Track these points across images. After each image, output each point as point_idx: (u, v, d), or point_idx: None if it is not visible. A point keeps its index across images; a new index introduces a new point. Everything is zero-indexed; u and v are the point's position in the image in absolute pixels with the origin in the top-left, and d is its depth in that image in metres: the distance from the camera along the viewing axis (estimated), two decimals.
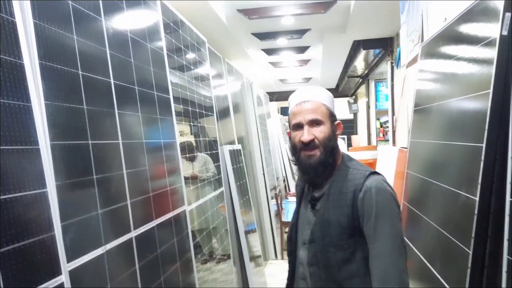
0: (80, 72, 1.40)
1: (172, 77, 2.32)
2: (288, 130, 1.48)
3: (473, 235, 1.59)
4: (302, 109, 1.40)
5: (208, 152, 3.08)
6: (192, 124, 2.75)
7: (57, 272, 1.17)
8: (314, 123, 1.38)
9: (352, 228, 1.33)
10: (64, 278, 1.18)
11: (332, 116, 1.42)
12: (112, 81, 1.62)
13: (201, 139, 2.94)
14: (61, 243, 1.19)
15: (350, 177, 1.38)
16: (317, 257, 1.38)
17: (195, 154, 2.99)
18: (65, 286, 1.18)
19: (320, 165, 1.37)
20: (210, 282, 2.70)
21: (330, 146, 1.38)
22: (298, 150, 1.40)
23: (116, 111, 1.62)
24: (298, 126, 1.40)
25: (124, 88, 1.72)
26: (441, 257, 1.99)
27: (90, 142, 1.41)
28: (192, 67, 2.88)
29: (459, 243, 1.72)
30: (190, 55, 2.89)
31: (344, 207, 1.34)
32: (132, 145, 1.74)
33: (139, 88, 1.85)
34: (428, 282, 2.07)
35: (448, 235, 1.86)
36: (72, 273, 1.22)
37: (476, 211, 1.59)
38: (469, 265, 1.59)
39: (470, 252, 1.60)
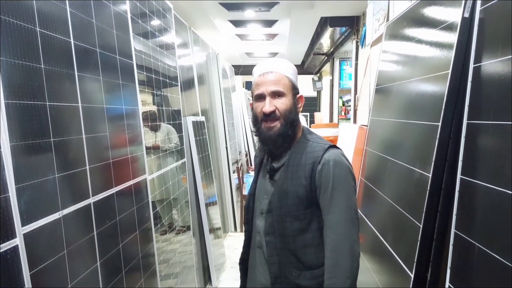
0: (38, 29, 1.33)
1: (136, 43, 2.25)
2: (251, 102, 1.49)
3: (424, 209, 1.67)
4: (265, 80, 1.40)
5: (171, 123, 3.04)
6: (155, 93, 2.70)
7: (11, 234, 1.13)
8: (276, 94, 1.39)
9: (309, 199, 1.36)
10: (18, 241, 1.15)
11: (294, 89, 1.44)
12: (72, 41, 1.55)
13: (164, 108, 2.89)
14: (15, 205, 1.15)
15: (309, 149, 1.40)
16: (273, 226, 1.41)
17: (159, 124, 2.94)
18: (20, 249, 1.15)
19: (279, 136, 1.39)
20: (169, 252, 2.71)
21: (290, 118, 1.40)
22: (259, 121, 1.42)
23: (76, 73, 1.56)
24: (260, 97, 1.41)
25: (85, 49, 1.65)
26: (393, 231, 2.08)
27: (47, 103, 1.35)
28: (157, 33, 2.80)
29: (411, 218, 1.80)
30: (155, 22, 2.81)
31: (302, 178, 1.37)
32: (92, 110, 1.69)
33: (100, 51, 1.79)
34: (381, 254, 2.17)
35: (401, 210, 1.94)
36: (27, 237, 1.19)
37: (428, 187, 1.66)
38: (419, 238, 1.68)
39: (421, 226, 1.68)
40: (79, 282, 1.46)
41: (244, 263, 1.61)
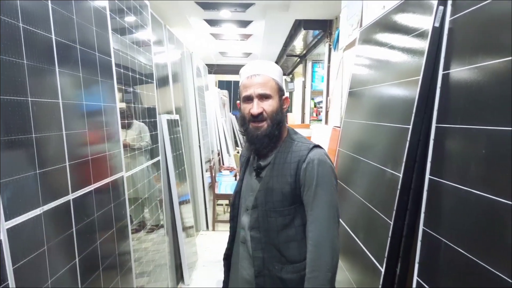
0: (21, 25, 1.33)
1: (113, 40, 2.25)
2: (238, 102, 1.53)
3: (395, 208, 1.75)
4: (252, 83, 1.45)
5: (147, 120, 3.04)
6: (131, 90, 2.69)
7: None
8: (263, 97, 1.44)
9: (293, 196, 1.42)
10: (2, 236, 1.15)
11: (280, 91, 1.49)
12: (53, 37, 1.55)
13: (139, 106, 2.88)
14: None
15: (295, 148, 1.46)
16: (258, 221, 1.46)
17: (130, 121, 2.93)
18: (3, 244, 1.15)
19: (266, 136, 1.45)
20: (142, 251, 2.72)
21: (277, 119, 1.46)
22: (247, 121, 1.47)
23: (57, 69, 1.56)
24: (248, 99, 1.46)
25: (66, 45, 1.65)
26: (365, 228, 2.17)
27: (29, 99, 1.35)
28: (133, 30, 2.80)
29: (382, 215, 1.88)
30: (132, 18, 2.81)
31: (287, 176, 1.43)
32: (72, 106, 1.69)
33: (81, 48, 1.79)
34: (353, 251, 2.24)
35: (373, 208, 2.03)
36: (10, 232, 1.19)
37: (399, 186, 1.74)
38: (390, 234, 1.76)
39: (391, 223, 1.76)
40: (59, 278, 1.46)
41: (228, 258, 1.65)
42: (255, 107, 1.43)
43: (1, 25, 1.23)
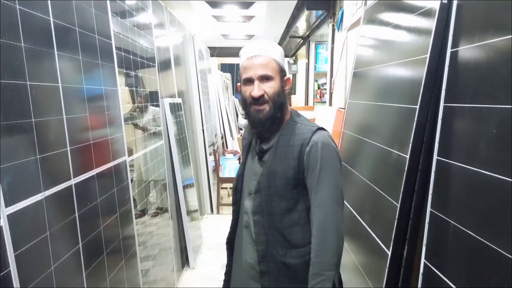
0: (17, 7, 1.30)
1: (113, 23, 2.20)
2: (239, 84, 1.49)
3: (401, 189, 1.73)
4: (253, 64, 1.41)
5: (149, 104, 3.01)
6: (133, 73, 2.66)
7: None
8: (264, 78, 1.40)
9: (296, 179, 1.40)
10: (2, 222, 1.14)
11: (282, 72, 1.45)
12: (51, 19, 1.51)
13: (142, 90, 2.85)
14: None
15: (298, 131, 1.43)
16: (261, 206, 1.44)
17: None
18: (4, 230, 1.14)
19: (268, 119, 1.41)
20: (147, 235, 2.72)
21: (279, 101, 1.42)
22: (248, 104, 1.43)
23: (56, 52, 1.53)
24: (249, 81, 1.42)
25: (64, 28, 1.61)
26: (371, 211, 2.15)
27: (28, 83, 1.32)
28: (134, 13, 2.75)
29: (388, 197, 1.86)
30: (132, 1, 2.75)
31: (290, 159, 1.40)
32: (72, 90, 1.66)
33: (80, 30, 1.75)
34: (359, 234, 2.23)
35: (379, 190, 2.00)
36: (11, 218, 1.18)
37: (406, 168, 1.72)
38: (396, 217, 1.74)
39: (398, 205, 1.74)
40: (62, 263, 1.46)
41: (231, 242, 1.64)
42: (256, 89, 1.39)
43: None
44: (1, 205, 1.14)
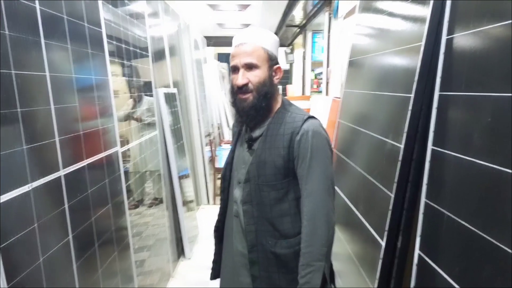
0: None
1: (104, 11, 2.16)
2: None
3: (395, 180, 1.71)
4: (239, 52, 1.40)
5: (143, 94, 2.98)
6: (126, 63, 2.62)
7: None
8: (249, 67, 1.38)
9: (286, 169, 1.37)
10: None
11: (271, 60, 1.42)
12: (37, 6, 1.47)
13: (134, 79, 2.81)
14: None
15: (288, 119, 1.41)
16: (251, 195, 1.42)
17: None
18: None
19: (252, 109, 1.39)
20: (142, 225, 2.70)
21: (263, 90, 1.39)
22: (234, 92, 1.41)
23: (43, 40, 1.49)
24: (235, 69, 1.41)
25: (51, 16, 1.57)
26: (365, 201, 2.13)
27: (13, 71, 1.29)
28: (126, 1, 2.70)
29: (382, 188, 1.84)
30: None
31: (280, 148, 1.37)
32: (60, 79, 1.62)
33: (68, 18, 1.71)
34: (353, 224, 2.22)
35: (373, 180, 1.98)
36: None
37: (400, 158, 1.69)
38: (390, 207, 1.72)
39: (392, 196, 1.72)
40: (51, 256, 1.43)
41: (219, 231, 1.62)
42: (240, 78, 1.38)
43: None
44: None
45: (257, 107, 1.39)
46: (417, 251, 1.55)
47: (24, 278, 1.26)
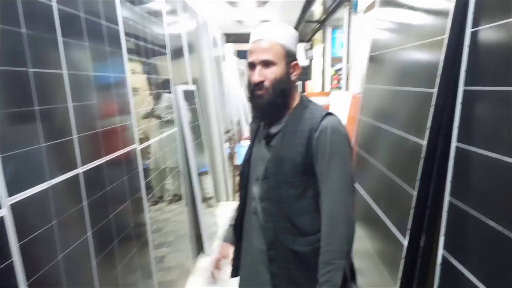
0: None
1: (122, 8, 2.16)
2: None
3: (418, 177, 1.66)
4: (256, 48, 1.38)
5: (161, 92, 2.98)
6: (144, 61, 2.62)
7: None
8: (266, 63, 1.36)
9: (305, 166, 1.35)
10: (5, 211, 1.12)
11: (288, 57, 1.39)
12: (55, 5, 1.48)
13: (153, 77, 2.82)
14: (1, 175, 1.12)
15: (307, 116, 1.38)
16: (269, 192, 1.40)
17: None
18: (6, 220, 1.12)
19: (267, 105, 1.38)
20: (162, 222, 2.71)
21: (280, 87, 1.37)
22: (251, 89, 1.39)
23: (60, 38, 1.49)
24: (252, 65, 1.39)
25: (68, 14, 1.58)
26: (386, 199, 2.08)
27: (30, 70, 1.30)
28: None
29: (405, 185, 1.79)
30: None
31: (299, 144, 1.35)
32: (78, 77, 1.63)
33: (85, 16, 1.71)
34: (373, 222, 2.17)
35: (395, 178, 1.94)
36: (15, 207, 1.16)
37: (423, 155, 1.65)
38: (413, 205, 1.68)
39: (415, 194, 1.67)
40: (70, 252, 1.44)
41: (237, 228, 1.60)
42: (256, 75, 1.36)
43: None
44: (3, 194, 1.12)
45: (273, 103, 1.37)
46: (441, 251, 1.50)
47: (43, 275, 1.27)
